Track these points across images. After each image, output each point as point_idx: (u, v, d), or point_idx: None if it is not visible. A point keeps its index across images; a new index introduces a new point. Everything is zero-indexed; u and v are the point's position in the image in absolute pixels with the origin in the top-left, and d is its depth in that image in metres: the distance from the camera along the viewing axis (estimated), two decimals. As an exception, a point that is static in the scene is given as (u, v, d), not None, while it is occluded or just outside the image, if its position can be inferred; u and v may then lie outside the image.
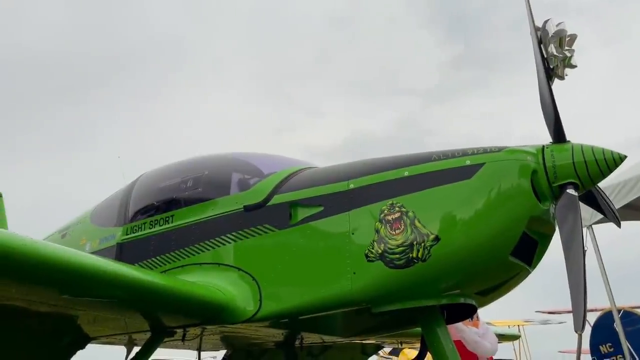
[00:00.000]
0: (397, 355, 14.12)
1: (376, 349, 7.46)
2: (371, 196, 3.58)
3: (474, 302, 3.70)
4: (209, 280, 3.92)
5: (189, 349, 5.94)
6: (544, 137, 3.51)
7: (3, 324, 3.78)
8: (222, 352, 6.33)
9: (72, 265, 3.10)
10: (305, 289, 3.63)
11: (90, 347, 4.57)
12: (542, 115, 3.49)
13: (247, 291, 3.79)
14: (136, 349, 5.11)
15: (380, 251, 3.40)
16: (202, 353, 6.20)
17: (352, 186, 3.68)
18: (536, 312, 19.24)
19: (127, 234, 4.73)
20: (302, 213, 3.82)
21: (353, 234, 3.55)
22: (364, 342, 6.41)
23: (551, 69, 3.50)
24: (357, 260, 3.47)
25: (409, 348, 11.70)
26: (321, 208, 3.75)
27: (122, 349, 5.14)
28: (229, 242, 4.06)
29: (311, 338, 5.26)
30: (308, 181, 3.97)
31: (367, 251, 3.45)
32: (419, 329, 5.20)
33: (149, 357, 4.09)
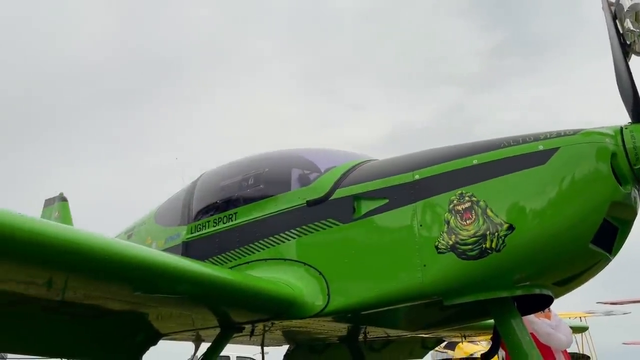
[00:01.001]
0: (452, 349, 13.90)
1: (437, 342, 7.36)
2: (438, 186, 3.50)
3: (550, 293, 3.57)
4: (276, 276, 3.95)
5: (252, 344, 6.02)
6: (598, 122, 3.36)
7: (83, 323, 3.93)
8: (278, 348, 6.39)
9: (146, 262, 3.17)
10: (374, 282, 3.59)
11: (160, 343, 4.70)
12: (598, 100, 3.33)
13: (314, 286, 3.78)
14: (204, 345, 5.24)
15: (451, 242, 3.32)
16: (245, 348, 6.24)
17: (417, 177, 3.61)
18: (597, 303, 18.52)
19: (191, 233, 4.83)
20: (366, 206, 3.78)
21: (421, 225, 3.48)
22: (426, 336, 6.32)
23: (627, 45, 3.31)
24: (427, 253, 3.40)
25: (467, 342, 11.50)
26: (386, 200, 3.70)
27: (190, 345, 5.26)
28: (293, 238, 4.07)
29: (376, 332, 5.22)
30: (371, 174, 3.93)
31: (437, 243, 3.38)
32: (485, 322, 5.09)
33: (219, 352, 4.16)
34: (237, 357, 16.72)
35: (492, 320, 4.02)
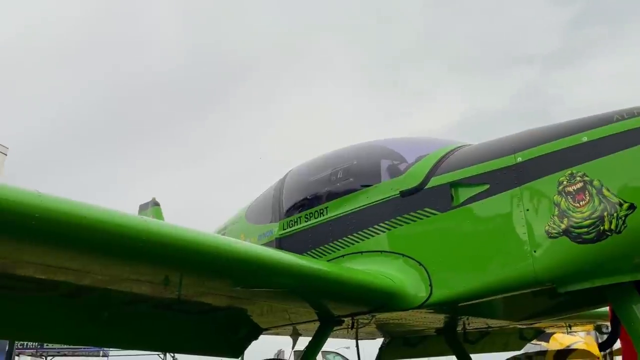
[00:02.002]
0: (547, 340, 13.24)
1: (536, 334, 7.04)
2: (545, 168, 3.31)
3: None
4: (374, 268, 3.91)
5: (345, 338, 6.03)
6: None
7: (188, 319, 4.10)
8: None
9: (246, 256, 3.22)
10: (479, 272, 3.46)
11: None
12: None
13: (415, 277, 3.71)
14: (301, 339, 5.31)
15: (563, 226, 3.14)
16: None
17: (520, 159, 3.44)
18: None
19: (284, 229, 4.90)
20: (465, 193, 3.66)
21: (527, 210, 3.32)
22: (524, 327, 6.06)
23: None
24: (536, 238, 3.23)
25: (561, 333, 10.90)
26: (486, 186, 3.56)
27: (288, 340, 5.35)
28: (389, 229, 4.01)
29: (475, 323, 5.07)
30: (468, 159, 3.79)
31: (547, 227, 3.20)
32: (593, 310, 4.78)
33: (321, 346, 4.19)
34: (322, 351, 16.92)
35: (603, 309, 3.77)
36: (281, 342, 13.40)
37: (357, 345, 5.95)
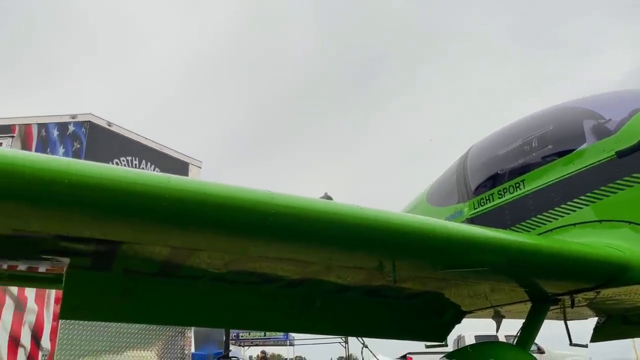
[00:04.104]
0: None
1: None
2: None
3: None
4: (594, 240, 3.54)
5: (552, 319, 5.59)
6: None
7: (394, 304, 4.13)
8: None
9: (462, 235, 3.07)
10: None
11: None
12: None
13: None
14: (505, 322, 5.05)
15: None
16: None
17: None
18: None
19: (474, 208, 4.70)
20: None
21: None
22: None
23: None
24: None
25: None
26: None
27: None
28: (606, 195, 3.60)
29: None
30: None
31: None
32: None
33: (539, 328, 3.91)
34: (475, 336, 16.04)
35: None
36: (461, 328, 13.08)
37: (566, 327, 5.49)
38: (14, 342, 6.63)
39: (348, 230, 2.73)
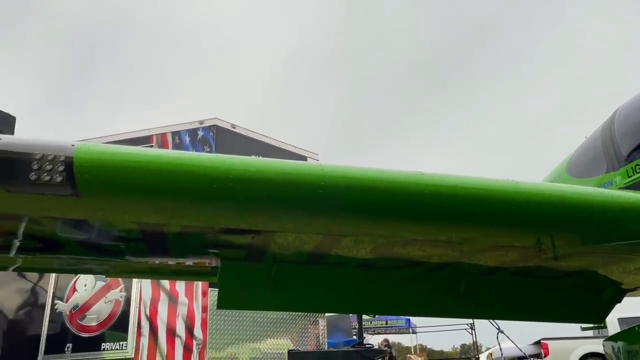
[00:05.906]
0: None
1: None
2: None
3: None
4: None
5: None
6: None
7: (547, 284, 3.88)
8: None
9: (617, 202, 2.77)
10: None
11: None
12: None
13: None
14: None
15: None
16: None
17: None
18: None
19: (629, 177, 4.25)
20: None
21: None
22: None
23: None
24: None
25: None
26: None
27: None
28: None
29: None
30: None
31: None
32: None
33: None
34: (618, 319, 14.57)
35: None
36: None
37: None
38: (171, 333, 7.29)
39: (507, 207, 2.60)
